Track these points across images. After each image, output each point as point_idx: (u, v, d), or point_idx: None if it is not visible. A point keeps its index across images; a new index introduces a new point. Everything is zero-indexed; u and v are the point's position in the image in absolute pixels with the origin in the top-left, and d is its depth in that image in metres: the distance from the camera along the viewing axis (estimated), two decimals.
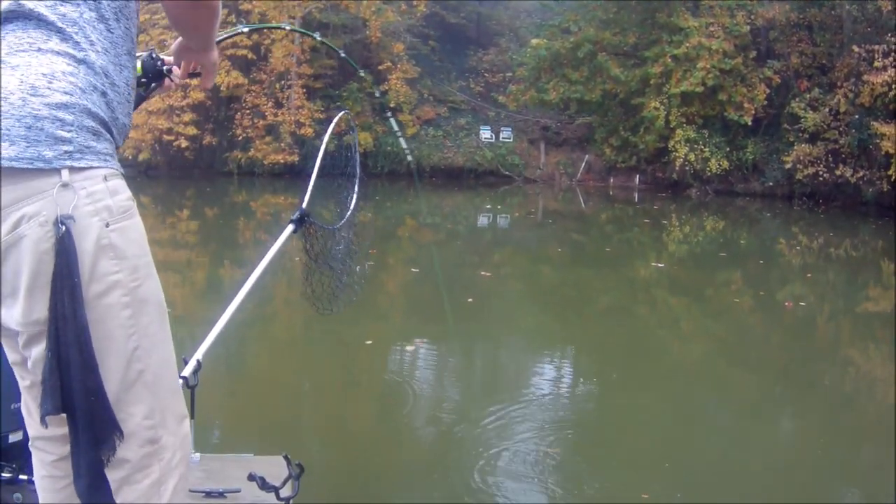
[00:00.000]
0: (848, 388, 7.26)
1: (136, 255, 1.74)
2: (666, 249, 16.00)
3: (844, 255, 15.68)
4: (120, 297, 1.70)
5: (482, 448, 5.07)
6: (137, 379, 1.76)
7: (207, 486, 3.14)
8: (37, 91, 1.57)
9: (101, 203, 1.66)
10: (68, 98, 1.61)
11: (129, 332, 1.73)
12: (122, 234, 1.70)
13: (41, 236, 1.58)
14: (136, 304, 1.74)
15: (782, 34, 25.25)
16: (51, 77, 1.60)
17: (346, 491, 4.56)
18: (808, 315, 9.87)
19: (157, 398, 1.81)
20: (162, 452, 1.83)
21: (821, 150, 22.67)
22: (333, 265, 3.40)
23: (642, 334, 8.89)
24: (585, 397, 6.68)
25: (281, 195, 25.22)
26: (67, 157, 1.60)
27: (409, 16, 32.77)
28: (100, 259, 1.66)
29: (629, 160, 28.49)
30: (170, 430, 1.86)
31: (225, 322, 2.79)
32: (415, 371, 7.14)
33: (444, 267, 12.91)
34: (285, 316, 9.17)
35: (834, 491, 4.96)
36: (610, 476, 4.99)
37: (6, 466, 2.74)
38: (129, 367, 1.73)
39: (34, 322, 1.64)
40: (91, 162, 1.65)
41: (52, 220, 1.58)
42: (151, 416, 1.80)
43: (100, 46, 1.71)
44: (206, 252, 14.10)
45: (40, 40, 1.63)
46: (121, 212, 1.70)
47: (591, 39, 27.75)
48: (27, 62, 1.60)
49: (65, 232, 1.58)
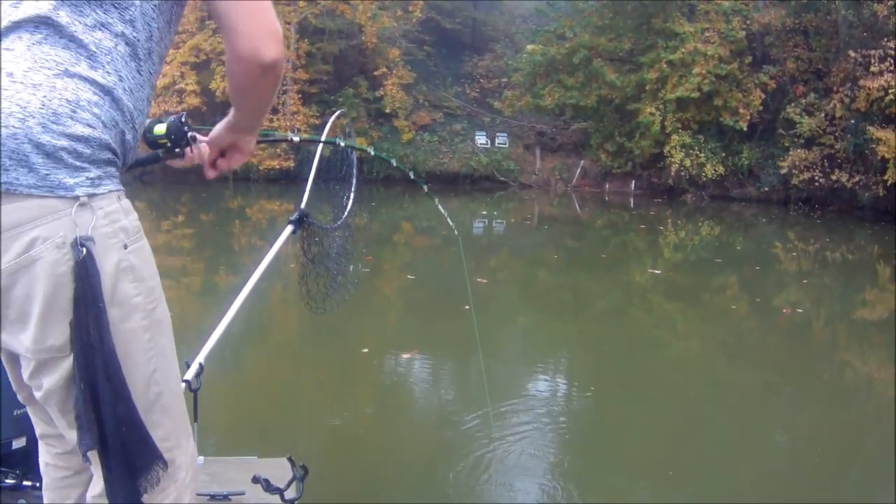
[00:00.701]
0: (847, 392, 7.25)
1: (151, 276, 1.73)
2: (662, 255, 15.99)
3: (841, 260, 15.69)
4: (140, 320, 1.68)
5: (484, 450, 5.09)
6: (156, 401, 1.75)
7: (212, 489, 3.16)
8: (59, 119, 1.53)
9: (118, 224, 1.64)
10: (90, 132, 1.57)
11: (150, 356, 1.71)
12: (139, 255, 1.69)
13: (58, 259, 1.54)
14: (155, 327, 1.72)
15: (778, 39, 25.27)
16: (75, 105, 1.56)
17: (351, 492, 4.58)
18: (805, 320, 9.85)
19: (172, 420, 1.81)
20: (177, 473, 1.83)
21: (816, 155, 22.68)
22: (329, 265, 3.40)
23: (639, 340, 8.87)
24: (582, 402, 6.65)
25: (276, 201, 25.17)
26: (89, 183, 1.57)
27: (404, 21, 32.77)
28: (120, 282, 1.63)
29: (625, 166, 28.48)
30: (182, 449, 1.85)
31: (227, 325, 2.79)
32: (416, 375, 7.16)
33: (440, 273, 12.91)
34: (287, 318, 9.14)
35: (833, 491, 4.93)
36: (611, 480, 4.99)
37: (9, 473, 2.75)
38: (148, 389, 1.72)
39: (47, 349, 1.60)
40: (108, 186, 1.63)
41: (69, 241, 1.54)
42: (168, 439, 1.79)
43: (128, 84, 1.67)
44: (201, 258, 14.05)
45: (69, 62, 1.58)
46: (135, 232, 1.69)
47: (587, 45, 27.75)
48: (52, 84, 1.54)
49: (86, 255, 1.54)
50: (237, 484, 3.18)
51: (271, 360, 7.53)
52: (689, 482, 4.95)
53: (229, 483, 3.22)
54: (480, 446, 5.17)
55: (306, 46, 30.57)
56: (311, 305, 3.29)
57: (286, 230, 3.16)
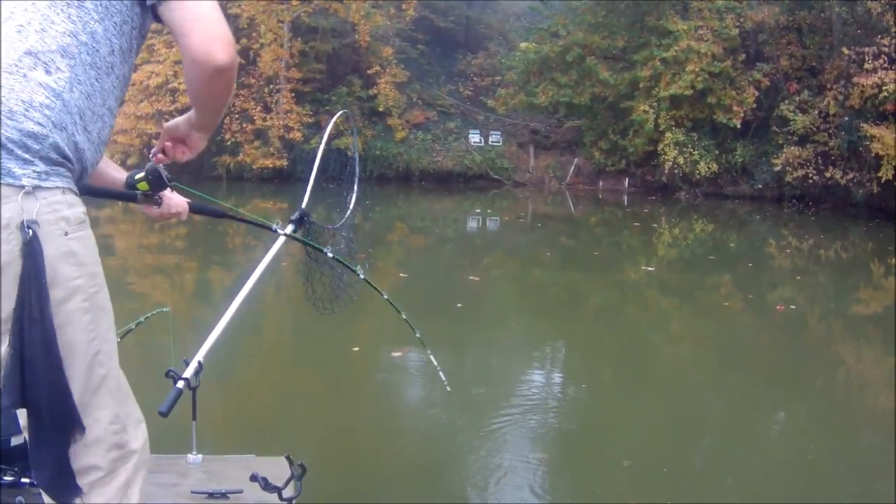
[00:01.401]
0: (842, 389, 7.25)
1: (92, 263, 1.85)
2: (655, 253, 16.00)
3: (835, 257, 15.70)
4: (81, 301, 1.79)
5: (481, 450, 5.11)
6: (101, 384, 1.86)
7: (210, 487, 3.17)
8: (14, 116, 1.69)
9: (59, 213, 1.76)
10: (39, 129, 1.72)
11: (91, 337, 1.82)
12: (81, 242, 1.81)
13: (4, 238, 1.67)
14: (96, 310, 1.84)
15: (771, 37, 25.27)
16: (28, 105, 1.71)
17: (349, 491, 4.59)
18: (798, 317, 9.84)
19: (119, 403, 1.93)
20: (128, 457, 1.94)
21: (810, 153, 22.68)
22: (334, 265, 3.41)
23: (633, 338, 8.86)
24: (575, 399, 6.63)
25: (270, 200, 25.13)
26: (35, 175, 1.71)
27: (398, 20, 32.71)
28: (61, 264, 1.75)
29: (618, 163, 28.47)
30: (131, 434, 1.96)
31: (226, 323, 2.80)
32: (414, 374, 7.14)
33: (434, 272, 12.89)
34: (286, 317, 9.13)
35: (827, 488, 4.92)
36: (604, 478, 4.98)
37: (8, 470, 2.76)
38: (91, 371, 1.83)
39: None
40: (55, 182, 1.76)
41: (14, 223, 1.67)
42: (116, 422, 1.91)
43: (84, 88, 1.82)
44: (194, 257, 14.02)
45: (28, 66, 1.74)
46: (77, 222, 1.81)
47: (580, 43, 27.73)
48: (11, 86, 1.71)
49: (32, 236, 1.67)
50: (235, 482, 3.19)
51: (271, 359, 7.52)
52: (683, 479, 4.94)
53: (227, 481, 3.22)
54: (479, 445, 5.19)
55: (300, 45, 30.54)
56: (317, 307, 3.34)
57: (286, 229, 3.17)
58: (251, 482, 2.99)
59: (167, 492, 3.16)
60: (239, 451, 3.62)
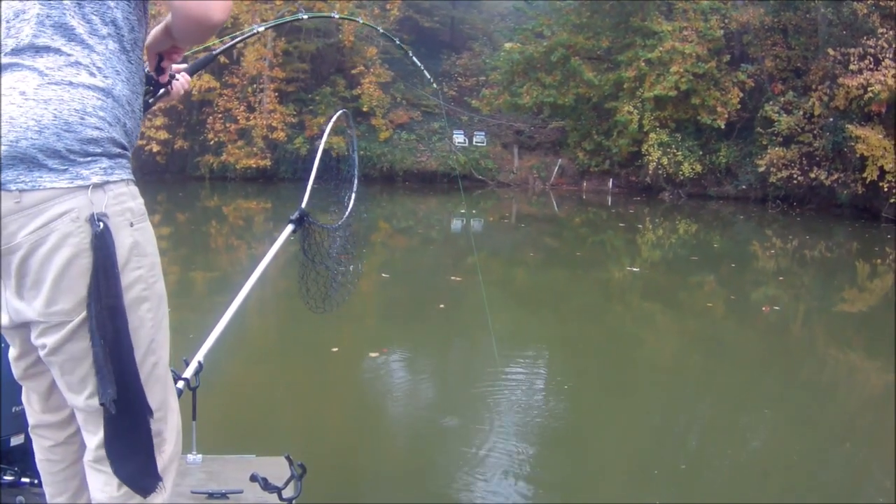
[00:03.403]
0: (824, 389, 7.23)
1: (153, 253, 1.93)
2: (639, 253, 15.98)
3: (820, 258, 15.72)
4: (141, 290, 1.88)
5: (481, 450, 5.16)
6: (153, 371, 1.94)
7: (210, 487, 3.19)
8: (71, 127, 1.74)
9: (125, 205, 1.84)
10: (98, 133, 1.78)
11: (149, 325, 1.91)
12: (143, 233, 1.89)
13: (72, 230, 1.73)
14: (155, 299, 1.93)
15: (756, 38, 25.33)
16: (83, 113, 1.76)
17: (349, 491, 4.64)
18: (781, 318, 9.82)
19: (163, 390, 2.00)
20: (163, 446, 1.98)
21: (795, 153, 22.75)
22: (329, 265, 3.47)
23: (615, 337, 8.84)
24: (561, 400, 6.59)
25: (253, 200, 25.06)
26: (102, 171, 1.79)
27: (382, 20, 32.62)
28: (128, 254, 1.83)
29: (602, 164, 28.52)
30: (168, 423, 2.01)
31: (226, 323, 2.77)
32: (414, 374, 7.20)
33: (418, 272, 12.84)
34: (286, 317, 9.05)
35: (818, 492, 4.90)
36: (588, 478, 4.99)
37: (8, 469, 2.80)
38: (146, 358, 1.91)
39: (56, 312, 1.77)
40: (121, 175, 1.84)
41: (83, 216, 1.74)
42: (161, 409, 1.97)
43: (124, 76, 1.88)
44: (177, 257, 13.89)
45: (71, 74, 1.77)
46: (140, 213, 1.89)
47: (565, 43, 27.74)
48: (60, 97, 1.74)
49: (103, 228, 1.75)
50: (235, 482, 3.20)
51: (271, 359, 7.51)
52: (666, 480, 4.93)
53: (227, 481, 3.24)
54: (478, 445, 5.23)
55: (283, 45, 30.44)
56: (310, 305, 3.37)
57: (286, 229, 3.23)
58: (251, 482, 3.02)
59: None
60: (239, 451, 3.63)
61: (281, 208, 23.26)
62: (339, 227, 3.56)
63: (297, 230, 3.25)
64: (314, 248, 3.33)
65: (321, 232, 3.38)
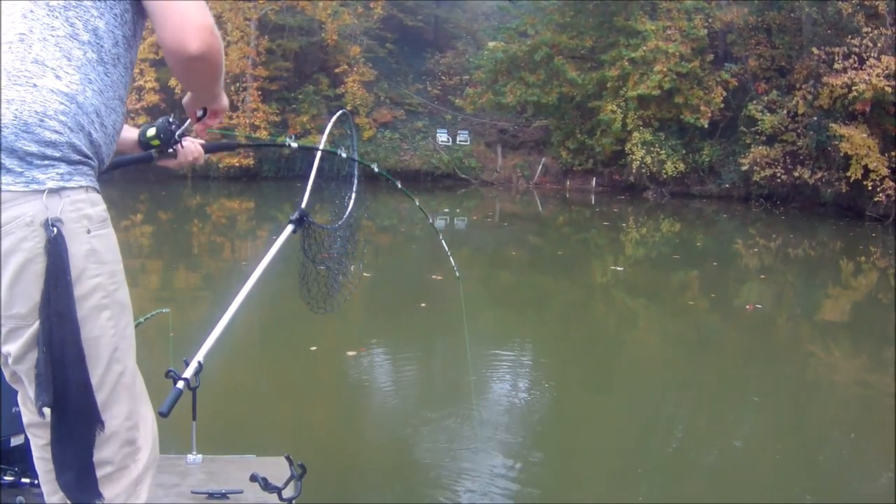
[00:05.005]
0: (807, 387, 7.22)
1: (113, 261, 1.90)
2: (623, 252, 15.98)
3: (803, 256, 15.75)
4: (101, 298, 1.84)
5: (481, 449, 5.17)
6: (118, 381, 1.91)
7: (210, 487, 3.23)
8: (29, 128, 1.72)
9: (82, 212, 1.81)
10: (57, 137, 1.76)
11: (110, 333, 1.88)
12: (102, 241, 1.86)
13: (26, 235, 1.71)
14: (115, 307, 1.89)
15: (740, 37, 25.38)
16: (43, 115, 1.74)
17: (349, 491, 4.64)
18: (764, 317, 9.81)
19: (133, 400, 1.97)
20: (138, 453, 1.98)
21: (778, 152, 22.79)
22: (330, 265, 3.47)
23: (599, 336, 8.83)
24: (544, 399, 6.56)
25: (236, 199, 24.95)
26: (59, 177, 1.76)
27: (365, 18, 32.61)
28: (84, 262, 1.80)
29: (586, 163, 28.51)
30: (142, 432, 2.00)
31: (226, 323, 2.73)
32: (413, 374, 7.22)
33: (401, 270, 12.78)
34: (286, 317, 8.99)
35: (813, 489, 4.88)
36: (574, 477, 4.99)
37: (8, 470, 2.84)
38: (109, 367, 1.88)
39: (13, 316, 1.77)
40: (80, 181, 1.81)
41: (38, 221, 1.72)
42: (130, 418, 1.96)
43: (96, 86, 1.85)
44: (159, 256, 13.80)
45: (37, 75, 1.76)
46: (99, 220, 1.86)
47: (548, 42, 27.70)
48: (22, 98, 1.73)
49: (57, 233, 1.73)
50: (235, 482, 3.24)
51: (271, 359, 7.48)
52: (649, 478, 4.93)
53: (227, 481, 3.27)
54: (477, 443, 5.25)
55: (266, 43, 30.32)
56: (311, 306, 3.36)
57: (286, 230, 3.17)
58: (251, 482, 3.03)
59: (167, 492, 3.20)
60: (239, 451, 3.65)
61: (264, 207, 23.17)
62: (339, 227, 3.56)
63: (297, 230, 3.19)
64: (314, 248, 3.32)
65: (321, 232, 3.35)
